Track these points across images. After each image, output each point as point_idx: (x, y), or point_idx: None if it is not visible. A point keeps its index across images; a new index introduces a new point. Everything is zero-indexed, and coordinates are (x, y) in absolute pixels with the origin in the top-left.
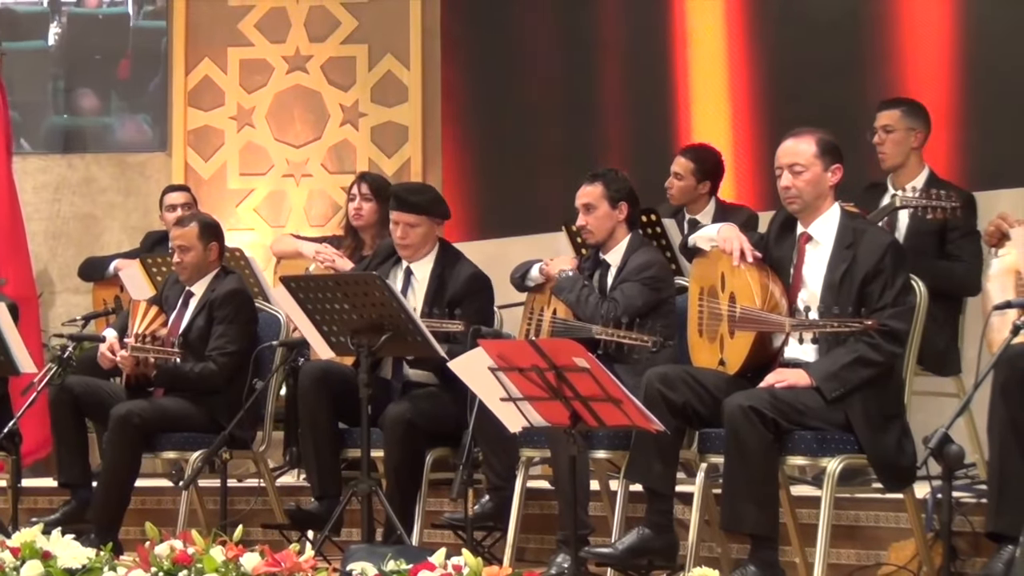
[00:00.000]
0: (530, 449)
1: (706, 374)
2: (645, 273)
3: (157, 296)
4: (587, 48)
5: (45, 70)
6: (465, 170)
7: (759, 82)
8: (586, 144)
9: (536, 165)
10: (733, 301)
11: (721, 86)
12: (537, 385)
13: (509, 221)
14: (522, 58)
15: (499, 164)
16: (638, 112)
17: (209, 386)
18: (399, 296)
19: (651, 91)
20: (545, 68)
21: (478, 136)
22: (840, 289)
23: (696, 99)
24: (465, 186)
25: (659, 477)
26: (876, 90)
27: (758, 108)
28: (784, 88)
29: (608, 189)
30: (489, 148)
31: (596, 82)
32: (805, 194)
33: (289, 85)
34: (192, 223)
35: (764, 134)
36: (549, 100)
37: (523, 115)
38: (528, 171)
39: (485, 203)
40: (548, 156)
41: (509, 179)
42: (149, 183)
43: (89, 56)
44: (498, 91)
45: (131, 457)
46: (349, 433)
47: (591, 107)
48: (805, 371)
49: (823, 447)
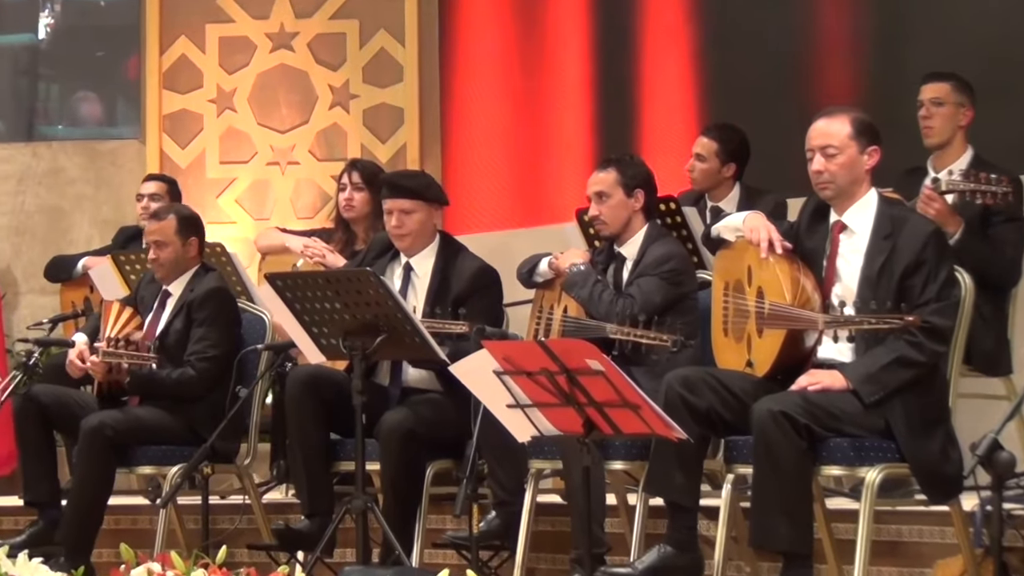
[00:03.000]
0: (540, 460)
1: (732, 377)
2: (664, 266)
3: (131, 296)
4: (610, 18)
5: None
6: (467, 156)
7: (786, 56)
8: (601, 126)
9: (545, 150)
10: (761, 296)
11: (744, 60)
12: (547, 390)
13: (515, 211)
14: (530, 33)
15: (504, 149)
16: (656, 91)
17: (188, 394)
18: (395, 294)
19: (670, 68)
20: (555, 44)
21: (481, 119)
22: (878, 283)
23: (718, 74)
24: (467, 173)
25: (681, 490)
26: (915, 64)
27: (786, 84)
28: (813, 62)
29: (623, 175)
30: (493, 132)
31: (616, 58)
32: (839, 179)
33: (273, 65)
34: (169, 216)
35: (793, 113)
36: (560, 79)
37: (532, 96)
38: (536, 157)
39: (489, 192)
40: (558, 140)
41: (515, 166)
42: (121, 173)
43: (54, 31)
44: (503, 69)
45: (103, 472)
46: (342, 444)
47: (609, 85)
48: (840, 373)
49: (861, 456)
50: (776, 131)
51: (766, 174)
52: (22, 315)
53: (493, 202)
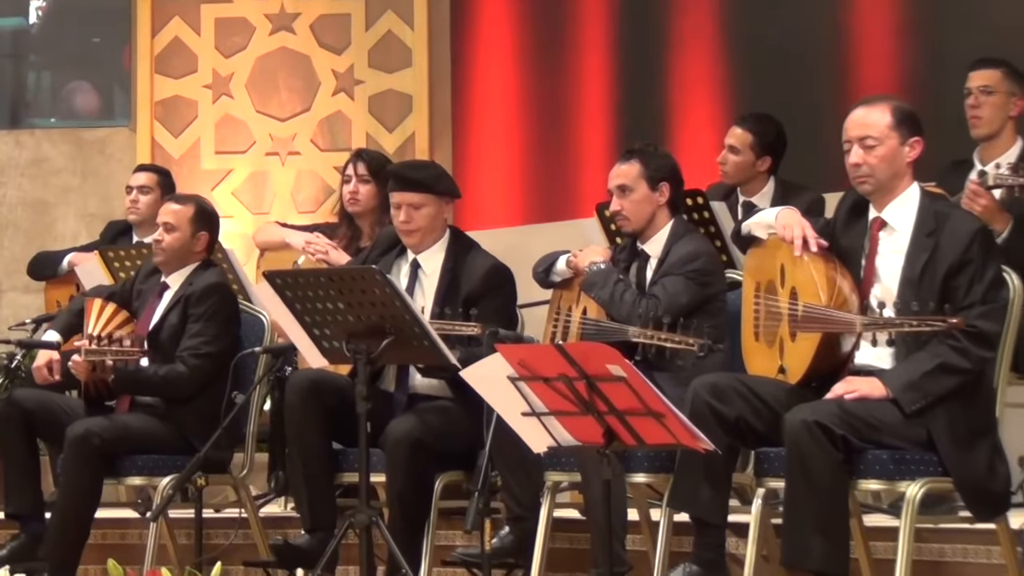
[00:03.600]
0: (557, 472)
1: (763, 384)
2: (691, 265)
3: (122, 287)
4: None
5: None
6: (480, 146)
7: (824, 43)
8: (624, 114)
9: (564, 140)
10: (794, 298)
11: (780, 48)
12: (565, 397)
13: (531, 206)
14: (549, 14)
15: (520, 139)
16: (685, 76)
17: (176, 393)
18: (403, 293)
19: (699, 52)
20: (576, 25)
21: (495, 106)
22: (920, 283)
23: (751, 61)
24: (479, 165)
25: (708, 505)
26: (958, 52)
27: (823, 73)
28: (851, 50)
29: (647, 167)
30: (508, 120)
31: (642, 40)
32: (878, 172)
33: (273, 48)
34: (190, 203)
35: (830, 103)
36: (581, 64)
37: (550, 81)
38: (554, 147)
39: (503, 184)
40: (578, 129)
41: (532, 157)
42: (110, 163)
43: (46, 15)
44: (519, 53)
45: (90, 483)
46: (345, 455)
47: (633, 69)
48: (880, 380)
49: (901, 469)
50: (812, 122)
51: (801, 168)
52: (4, 315)
53: (507, 196)
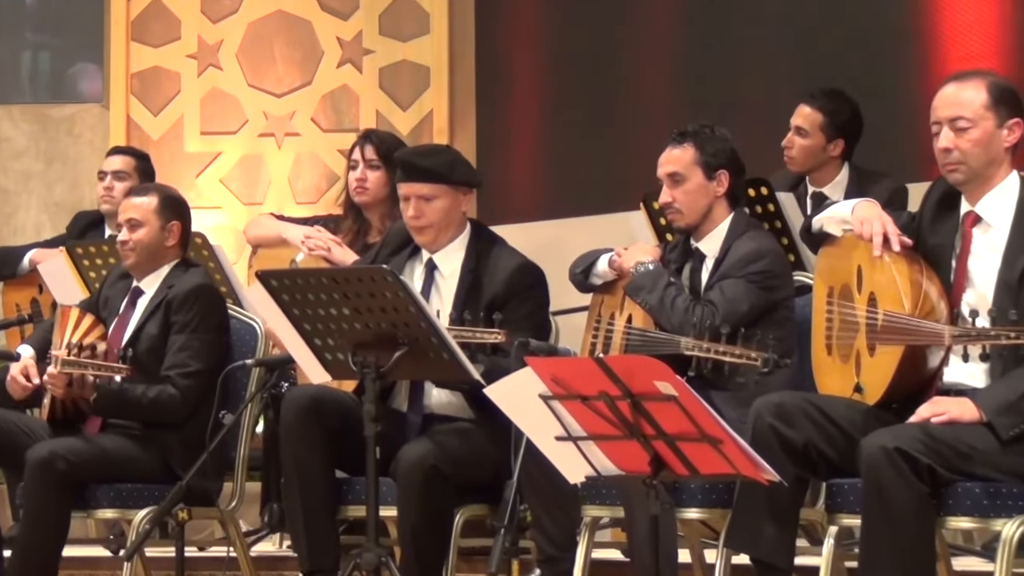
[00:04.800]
0: (596, 506)
1: (837, 405)
2: (753, 266)
3: (93, 299)
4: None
5: None
6: (508, 127)
7: (908, 5)
8: (680, 90)
9: (607, 120)
10: (873, 304)
11: (857, 14)
12: (606, 419)
13: (567, 196)
14: None
15: (555, 119)
16: (750, 46)
17: (168, 418)
18: (418, 298)
19: (767, 18)
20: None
21: (526, 81)
22: (1020, 288)
23: (824, 29)
24: (507, 149)
25: (772, 545)
26: None
27: (908, 42)
28: (939, 15)
29: (702, 153)
30: (542, 97)
31: (693, 6)
32: (971, 159)
33: (268, 12)
34: (152, 193)
35: (915, 79)
36: (629, 31)
37: (590, 52)
38: (596, 128)
39: (535, 172)
40: (624, 108)
41: (568, 139)
42: (79, 144)
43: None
44: (557, 18)
45: (56, 515)
46: (350, 484)
47: (694, 37)
48: (972, 401)
49: (996, 504)
50: (893, 100)
51: (879, 153)
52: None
53: (540, 184)
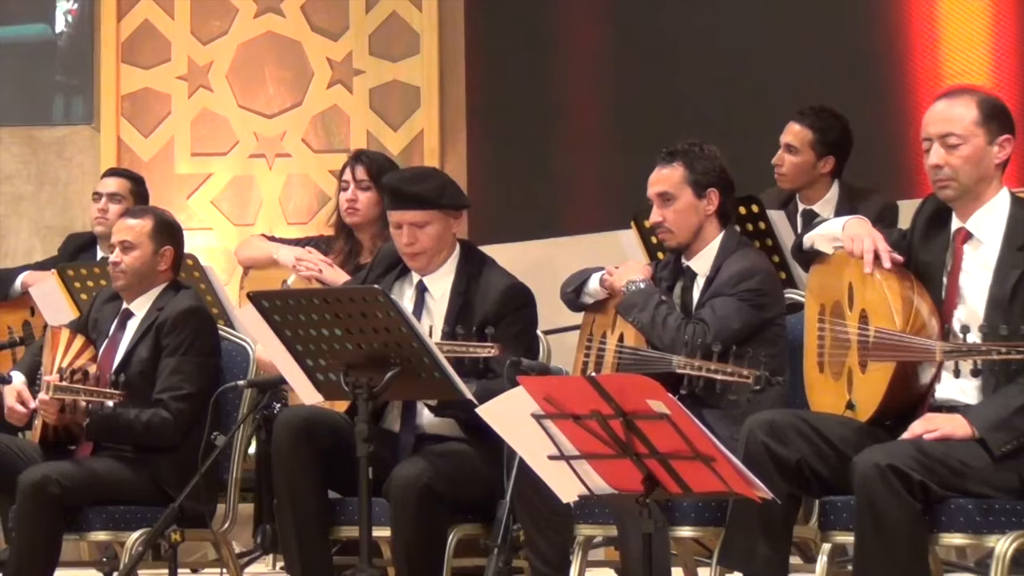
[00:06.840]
0: (589, 525)
1: (829, 422)
2: (744, 284)
3: (82, 320)
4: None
5: None
6: (499, 146)
7: (900, 26)
8: (665, 110)
9: (597, 139)
10: (865, 321)
11: (848, 31)
12: (598, 438)
13: (558, 215)
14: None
15: (545, 138)
16: (741, 62)
17: (161, 442)
18: (410, 318)
19: (750, 38)
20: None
21: (516, 101)
22: (1011, 304)
23: (816, 45)
24: (497, 168)
25: (765, 563)
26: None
27: (898, 58)
28: (932, 32)
29: (691, 172)
30: (531, 117)
31: (683, 25)
32: (962, 175)
33: (258, 33)
34: (147, 216)
35: (905, 95)
36: (617, 47)
37: (581, 71)
38: (585, 148)
39: (525, 191)
40: (612, 127)
41: (559, 159)
42: (69, 167)
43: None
44: (545, 38)
45: (47, 538)
46: (343, 505)
47: (677, 61)
48: (964, 417)
49: (990, 521)
50: (883, 118)
51: (870, 170)
52: None
53: (530, 204)
